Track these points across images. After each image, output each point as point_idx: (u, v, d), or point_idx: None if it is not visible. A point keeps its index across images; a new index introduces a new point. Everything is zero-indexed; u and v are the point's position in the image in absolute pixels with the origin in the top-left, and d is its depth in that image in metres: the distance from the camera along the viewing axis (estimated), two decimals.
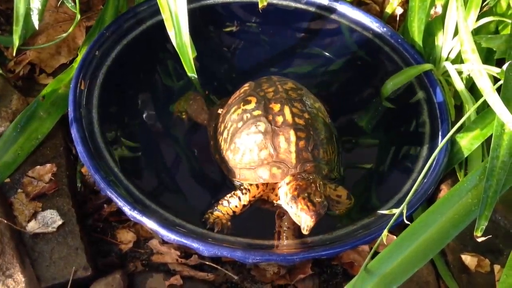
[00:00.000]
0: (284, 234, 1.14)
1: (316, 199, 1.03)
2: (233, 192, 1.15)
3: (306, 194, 1.04)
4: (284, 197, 1.08)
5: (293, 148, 1.13)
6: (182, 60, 1.26)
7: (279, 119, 1.15)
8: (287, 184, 1.08)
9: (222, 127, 1.25)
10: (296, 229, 1.14)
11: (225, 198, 1.15)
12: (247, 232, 1.12)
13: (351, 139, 1.37)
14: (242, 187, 1.15)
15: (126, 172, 1.17)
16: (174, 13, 1.23)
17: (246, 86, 1.29)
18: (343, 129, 1.36)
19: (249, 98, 1.22)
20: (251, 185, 1.15)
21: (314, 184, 1.06)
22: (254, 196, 1.15)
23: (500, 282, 1.00)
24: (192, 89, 1.39)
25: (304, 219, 1.03)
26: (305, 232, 1.04)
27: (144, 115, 1.37)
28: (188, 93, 1.40)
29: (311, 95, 1.27)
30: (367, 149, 1.39)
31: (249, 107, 1.19)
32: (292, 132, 1.13)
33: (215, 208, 1.14)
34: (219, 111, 1.32)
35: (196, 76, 1.28)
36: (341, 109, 1.43)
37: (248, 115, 1.18)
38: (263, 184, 1.15)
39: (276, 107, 1.17)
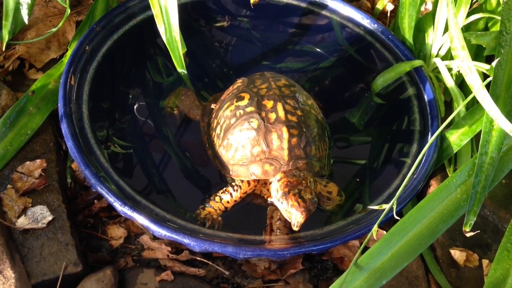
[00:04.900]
0: (275, 229, 1.14)
1: (307, 195, 1.04)
2: (224, 188, 1.16)
3: (296, 191, 1.04)
4: (275, 194, 1.08)
5: (285, 145, 1.13)
6: (172, 56, 1.26)
7: (272, 116, 1.16)
8: (278, 180, 1.09)
9: (215, 123, 1.25)
10: (287, 225, 1.14)
11: (217, 194, 1.15)
12: (238, 227, 1.12)
13: (343, 135, 1.38)
14: (233, 184, 1.15)
15: (116, 167, 1.17)
16: (164, 8, 1.23)
17: (239, 82, 1.29)
18: (334, 125, 1.36)
19: (242, 94, 1.22)
20: (242, 181, 1.15)
21: (304, 181, 1.07)
22: (245, 192, 1.16)
23: (489, 276, 1.01)
24: (183, 84, 1.39)
25: (295, 215, 1.03)
26: (295, 228, 1.04)
27: (134, 111, 1.36)
28: (179, 89, 1.40)
29: (304, 92, 1.27)
30: (358, 145, 1.39)
31: (242, 103, 1.19)
32: (284, 129, 1.14)
33: (207, 203, 1.15)
34: (212, 106, 1.32)
35: (186, 72, 1.28)
36: (332, 105, 1.43)
37: (241, 111, 1.18)
38: (255, 180, 1.15)
39: (269, 103, 1.18)
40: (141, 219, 1.05)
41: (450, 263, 1.21)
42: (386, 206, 1.01)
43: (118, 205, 1.06)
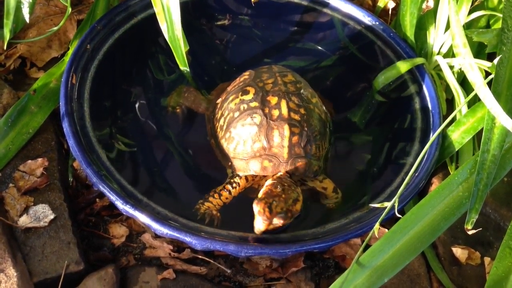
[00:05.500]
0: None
1: (276, 209, 1.04)
2: (223, 185, 1.16)
3: (270, 201, 1.05)
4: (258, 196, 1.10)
5: (286, 143, 1.13)
6: (174, 54, 1.26)
7: (275, 112, 1.16)
8: (265, 186, 1.10)
9: (219, 114, 1.25)
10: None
11: (216, 190, 1.16)
12: (240, 225, 1.12)
13: (344, 132, 1.38)
14: (232, 180, 1.16)
15: (118, 166, 1.17)
16: (166, 6, 1.23)
17: (246, 75, 1.29)
18: (336, 122, 1.36)
19: (248, 88, 1.22)
20: (241, 178, 1.16)
21: (285, 196, 1.07)
22: (244, 187, 1.17)
23: (490, 274, 1.01)
24: (185, 82, 1.39)
25: (256, 221, 1.05)
26: (256, 232, 1.06)
27: (136, 109, 1.36)
28: (180, 87, 1.39)
29: (309, 89, 1.27)
30: (359, 143, 1.39)
31: (247, 97, 1.20)
32: (286, 127, 1.14)
33: (206, 199, 1.15)
34: (218, 101, 1.32)
35: (188, 70, 1.28)
36: (334, 103, 1.43)
37: (245, 105, 1.19)
38: (253, 175, 1.16)
39: (274, 100, 1.18)
40: (142, 218, 1.05)
41: (452, 261, 1.21)
42: (387, 204, 1.01)
43: (119, 204, 1.06)
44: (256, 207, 1.05)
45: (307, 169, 1.14)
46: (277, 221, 1.04)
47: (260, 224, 1.04)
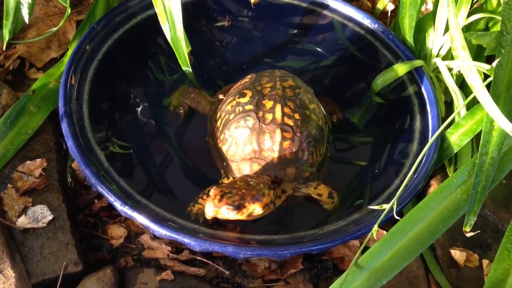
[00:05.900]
0: (275, 228, 1.15)
1: (228, 200, 1.03)
2: (211, 186, 1.16)
3: (226, 191, 1.05)
4: None
5: (276, 147, 1.14)
6: (176, 55, 1.26)
7: (269, 116, 1.16)
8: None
9: (218, 115, 1.26)
10: (286, 223, 1.15)
11: (204, 192, 1.16)
12: (239, 226, 1.12)
13: (343, 134, 1.38)
14: (220, 181, 1.18)
15: (117, 167, 1.17)
16: (168, 7, 1.23)
17: (247, 78, 1.30)
18: (335, 124, 1.36)
19: (245, 91, 1.22)
20: (228, 179, 1.17)
21: (245, 191, 1.06)
22: None
23: (489, 276, 1.01)
24: (187, 83, 1.39)
25: (205, 206, 1.05)
26: (206, 216, 1.06)
27: (135, 110, 1.36)
28: (183, 87, 1.39)
29: (309, 95, 1.26)
30: (358, 144, 1.39)
31: (243, 100, 1.20)
32: (278, 131, 1.14)
33: (196, 201, 1.16)
34: (221, 97, 1.33)
35: (190, 70, 1.28)
36: None
37: (241, 108, 1.19)
38: None
39: (269, 104, 1.18)
40: (141, 219, 1.05)
41: (450, 263, 1.21)
42: (386, 206, 1.01)
43: (118, 205, 1.06)
44: (211, 193, 1.05)
45: (297, 175, 1.14)
46: (226, 212, 1.03)
47: (207, 209, 1.04)
